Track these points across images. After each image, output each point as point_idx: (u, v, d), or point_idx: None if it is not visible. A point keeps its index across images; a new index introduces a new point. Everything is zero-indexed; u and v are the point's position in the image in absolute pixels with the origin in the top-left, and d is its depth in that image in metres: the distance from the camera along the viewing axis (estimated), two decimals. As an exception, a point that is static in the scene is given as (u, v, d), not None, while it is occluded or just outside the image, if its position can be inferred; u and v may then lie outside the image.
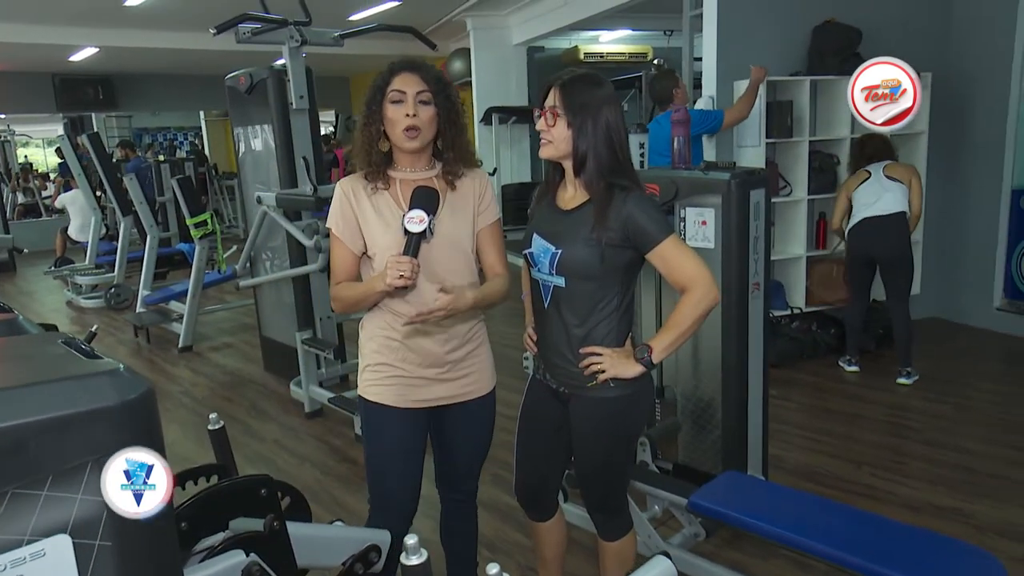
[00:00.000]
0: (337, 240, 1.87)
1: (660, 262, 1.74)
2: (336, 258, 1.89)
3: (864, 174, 4.19)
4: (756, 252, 2.71)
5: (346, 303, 1.88)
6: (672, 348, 1.76)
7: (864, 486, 3.11)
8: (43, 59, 9.92)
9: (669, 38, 9.03)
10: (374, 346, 1.92)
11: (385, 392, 1.90)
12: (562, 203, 1.84)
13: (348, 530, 1.78)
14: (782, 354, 4.49)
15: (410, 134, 1.78)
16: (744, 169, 2.72)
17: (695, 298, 1.72)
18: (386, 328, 1.89)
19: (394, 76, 1.80)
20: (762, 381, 2.85)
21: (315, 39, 4.12)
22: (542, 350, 1.93)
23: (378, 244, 1.83)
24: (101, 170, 7.10)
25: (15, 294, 8.46)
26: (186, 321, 5.72)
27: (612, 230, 1.71)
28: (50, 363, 0.83)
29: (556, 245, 1.78)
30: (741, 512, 2.21)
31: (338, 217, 1.86)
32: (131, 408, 0.77)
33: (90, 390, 0.74)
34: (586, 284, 1.77)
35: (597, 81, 1.76)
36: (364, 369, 1.95)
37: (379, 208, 1.84)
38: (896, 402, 4.00)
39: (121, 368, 0.79)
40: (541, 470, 2.07)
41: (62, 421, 0.72)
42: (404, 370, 1.89)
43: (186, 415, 4.38)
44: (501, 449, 3.64)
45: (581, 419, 1.88)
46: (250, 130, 4.76)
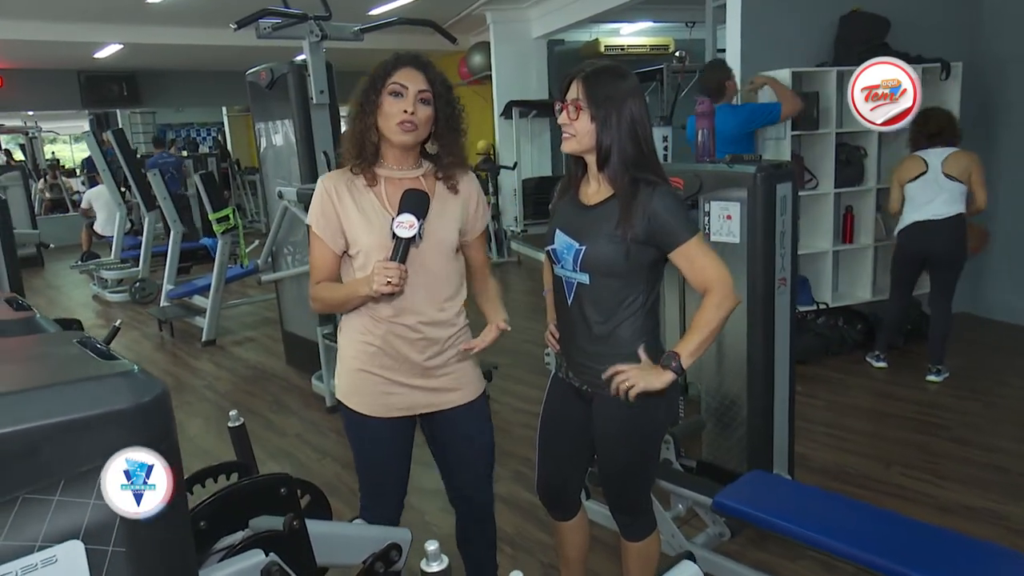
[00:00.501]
0: (317, 238, 1.80)
1: (683, 261, 1.70)
2: (316, 257, 1.82)
3: (920, 165, 3.96)
4: (783, 247, 2.65)
5: (326, 304, 1.84)
6: (699, 352, 1.71)
7: (894, 486, 3.04)
8: (69, 56, 10.04)
9: (691, 30, 8.93)
10: (352, 351, 1.85)
11: (364, 401, 1.86)
12: (585, 198, 1.80)
13: (368, 528, 1.77)
14: (808, 350, 4.42)
15: (404, 127, 1.72)
16: (770, 162, 2.66)
17: (716, 299, 1.69)
18: (365, 333, 1.82)
19: (397, 69, 1.73)
20: (788, 378, 2.79)
21: (335, 34, 4.10)
22: (564, 348, 1.90)
23: (361, 244, 1.77)
24: (125, 166, 7.17)
25: (43, 288, 8.57)
26: (209, 315, 5.76)
27: (637, 226, 1.68)
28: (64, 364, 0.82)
29: (580, 241, 1.74)
30: (767, 512, 2.17)
31: (318, 214, 1.79)
32: (145, 410, 0.75)
33: (103, 392, 0.72)
34: (611, 281, 1.74)
35: (621, 73, 1.71)
36: (341, 373, 1.89)
37: (362, 207, 1.78)
38: (926, 399, 3.92)
39: (135, 370, 0.77)
40: (563, 470, 2.03)
41: (75, 424, 0.70)
42: (382, 377, 1.83)
43: (209, 409, 4.41)
44: (522, 445, 3.64)
45: (604, 419, 1.84)
46: (271, 125, 4.77)
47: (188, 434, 4.04)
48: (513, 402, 4.15)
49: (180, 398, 4.65)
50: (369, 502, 1.96)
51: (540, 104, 8.50)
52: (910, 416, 3.73)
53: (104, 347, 0.89)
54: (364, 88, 1.76)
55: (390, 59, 1.76)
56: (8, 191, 9.70)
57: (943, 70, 4.53)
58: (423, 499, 3.00)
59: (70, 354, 0.83)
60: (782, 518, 2.13)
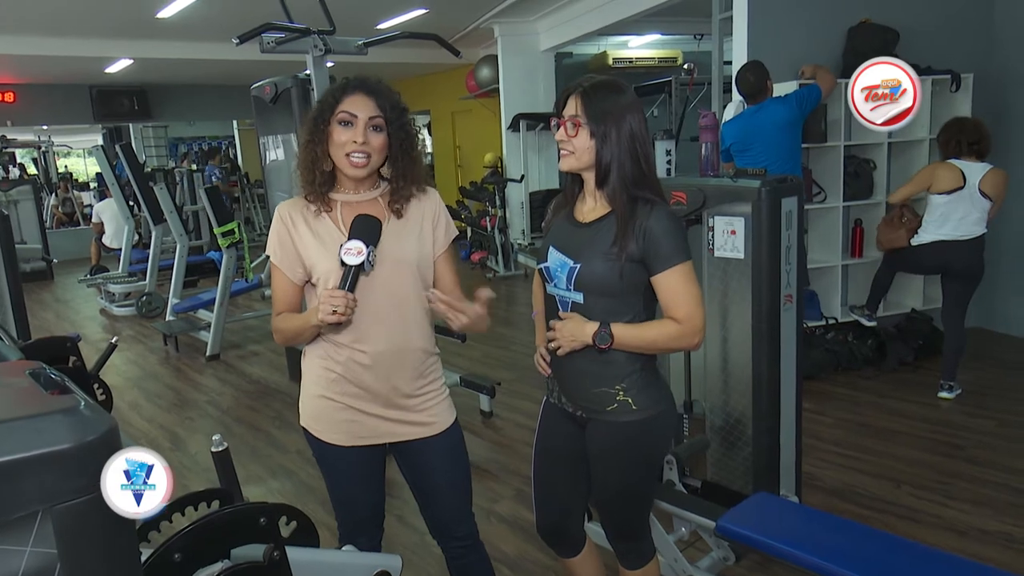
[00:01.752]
0: (276, 269, 1.75)
1: (665, 286, 1.64)
2: (276, 288, 1.77)
3: (958, 178, 3.76)
4: (788, 262, 2.60)
5: (285, 336, 1.75)
6: (627, 347, 1.66)
7: (904, 507, 2.96)
8: (80, 71, 10.12)
9: (699, 42, 8.89)
10: (312, 376, 1.79)
11: (325, 428, 1.80)
12: (580, 216, 1.75)
13: (357, 555, 1.71)
14: (816, 366, 4.34)
15: (354, 160, 1.67)
16: (775, 176, 2.61)
17: (677, 333, 1.64)
18: (325, 359, 1.76)
19: (346, 96, 1.67)
20: (795, 396, 2.73)
21: (339, 48, 4.08)
22: (556, 371, 1.83)
23: (319, 271, 1.71)
24: (132, 179, 7.18)
25: (51, 302, 8.60)
26: (213, 330, 5.73)
27: (632, 244, 1.63)
28: (6, 399, 0.77)
29: (574, 259, 1.69)
30: (772, 538, 2.10)
31: (275, 244, 1.74)
32: (89, 450, 0.70)
33: (41, 432, 0.68)
34: (605, 301, 1.68)
35: (619, 88, 1.67)
36: (304, 399, 1.83)
37: (318, 233, 1.72)
38: (937, 417, 3.83)
39: (81, 405, 0.72)
40: (563, 502, 1.95)
41: (8, 467, 0.65)
42: (344, 404, 1.77)
43: (211, 425, 4.37)
44: (525, 464, 3.58)
45: (599, 444, 1.78)
46: (275, 139, 4.75)
47: (189, 451, 4.00)
48: (517, 418, 4.09)
49: (182, 413, 4.62)
50: (345, 531, 1.89)
51: (547, 117, 8.47)
52: (921, 435, 3.64)
53: (59, 378, 0.84)
54: (313, 116, 1.69)
55: (338, 85, 1.70)
56: (19, 205, 9.79)
57: (953, 82, 4.47)
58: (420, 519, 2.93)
59: (16, 387, 0.78)
60: (788, 543, 2.06)
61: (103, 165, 7.99)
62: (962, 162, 3.81)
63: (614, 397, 1.71)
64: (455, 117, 11.49)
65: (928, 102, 4.51)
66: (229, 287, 5.73)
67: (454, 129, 11.70)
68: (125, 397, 4.88)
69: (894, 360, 4.47)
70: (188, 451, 4.00)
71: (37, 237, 9.79)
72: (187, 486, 3.58)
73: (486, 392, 4.07)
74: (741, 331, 2.67)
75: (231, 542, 1.33)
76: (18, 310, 3.20)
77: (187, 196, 9.27)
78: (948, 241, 3.85)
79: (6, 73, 10.16)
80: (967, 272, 3.89)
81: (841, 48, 4.55)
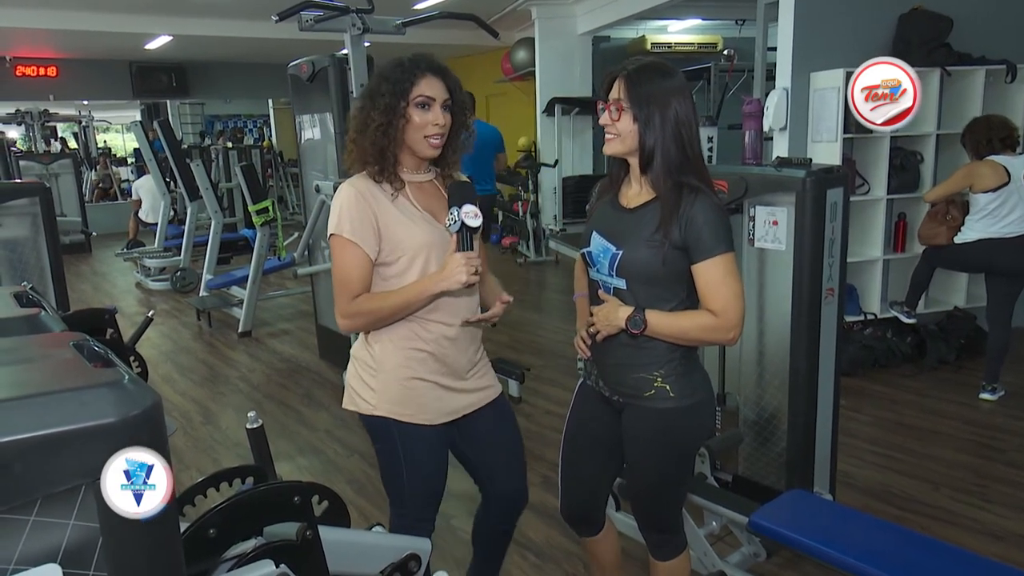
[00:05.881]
0: (352, 246, 1.67)
1: (704, 276, 1.61)
2: (351, 267, 1.68)
3: (1002, 174, 3.67)
4: (831, 256, 2.54)
5: (375, 317, 1.71)
6: (660, 335, 1.65)
7: (942, 510, 2.89)
8: (121, 47, 10.24)
9: (741, 27, 8.73)
10: (397, 361, 1.77)
11: (419, 410, 1.79)
12: (625, 201, 1.73)
13: (387, 537, 1.72)
14: (853, 362, 4.26)
15: (432, 142, 1.71)
16: (821, 167, 2.54)
17: (712, 325, 1.62)
18: (411, 339, 1.76)
19: (420, 78, 1.68)
20: (833, 392, 2.68)
21: (377, 27, 4.06)
22: (596, 355, 1.82)
23: (404, 248, 1.71)
24: (170, 155, 7.27)
25: (88, 275, 8.77)
26: (246, 307, 5.80)
27: (675, 231, 1.61)
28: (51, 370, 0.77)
29: (617, 245, 1.68)
30: (805, 535, 2.07)
31: (355, 220, 1.68)
32: (133, 424, 0.69)
33: (86, 404, 0.67)
34: (648, 287, 1.67)
35: (665, 71, 1.63)
36: (385, 385, 1.78)
37: (404, 211, 1.74)
38: (978, 419, 3.73)
39: (125, 379, 0.72)
40: (590, 485, 1.96)
41: (53, 439, 0.65)
42: (432, 382, 1.78)
43: (242, 400, 4.43)
44: (553, 450, 3.55)
45: (635, 430, 1.77)
46: (311, 118, 4.77)
47: (220, 425, 4.06)
48: (545, 404, 4.08)
49: (214, 388, 4.69)
50: (421, 514, 1.87)
51: (583, 101, 8.40)
52: (961, 436, 3.55)
53: (103, 350, 0.84)
54: (387, 99, 1.67)
55: (407, 65, 1.69)
56: (59, 179, 9.97)
57: (1008, 72, 4.32)
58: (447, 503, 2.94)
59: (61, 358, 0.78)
60: (821, 542, 2.03)
61: (141, 141, 8.10)
62: (1002, 157, 3.72)
63: (652, 383, 1.70)
64: (489, 100, 11.42)
65: (980, 93, 4.37)
66: (262, 265, 5.78)
67: (488, 112, 11.62)
68: (159, 370, 4.96)
69: (934, 358, 4.37)
70: (219, 425, 4.05)
71: (76, 210, 9.97)
72: (218, 460, 3.65)
73: (516, 378, 4.06)
74: (779, 324, 2.63)
75: (265, 519, 1.34)
76: (58, 282, 3.26)
77: (222, 174, 9.36)
78: (995, 239, 3.74)
79: (48, 48, 10.33)
80: (1015, 268, 3.78)
81: (891, 36, 4.42)
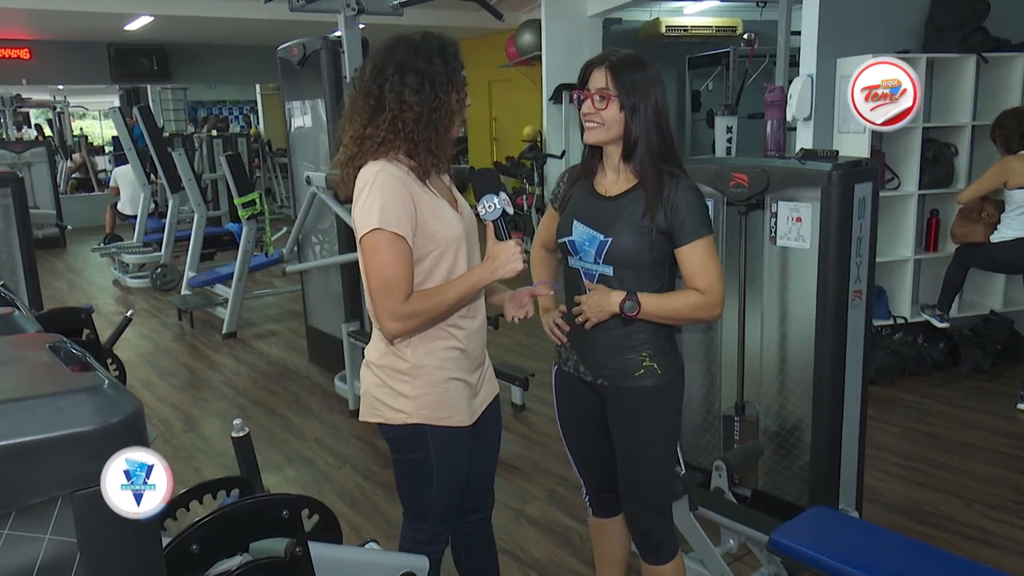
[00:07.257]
0: (400, 241, 1.61)
1: (689, 258, 1.79)
2: (401, 264, 1.62)
3: None
4: (859, 255, 2.53)
5: (435, 315, 1.67)
6: (652, 317, 1.80)
7: (975, 528, 2.89)
8: (98, 28, 10.24)
9: (762, 10, 8.70)
10: (437, 363, 1.74)
11: (456, 413, 1.79)
12: (602, 189, 1.87)
13: (381, 554, 1.72)
14: (882, 369, 4.26)
15: (463, 119, 1.83)
16: (848, 159, 2.53)
17: (700, 303, 1.79)
18: (448, 338, 1.76)
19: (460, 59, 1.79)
20: (860, 402, 2.67)
21: (372, 7, 4.06)
22: (577, 341, 1.93)
23: (439, 240, 1.70)
24: (151, 144, 7.26)
25: (63, 271, 8.78)
26: (231, 306, 5.80)
27: (661, 217, 1.77)
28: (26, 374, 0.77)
29: (604, 233, 1.81)
30: (830, 556, 2.06)
31: (400, 213, 1.61)
32: (113, 432, 0.69)
33: (64, 411, 0.67)
34: (634, 272, 1.82)
35: (643, 62, 1.80)
36: (423, 390, 1.74)
37: (433, 200, 1.75)
38: (1014, 431, 3.73)
39: (105, 384, 0.72)
40: (603, 461, 2.07)
41: (28, 448, 0.65)
42: (464, 380, 1.82)
43: (226, 407, 4.43)
44: (558, 462, 3.56)
45: (625, 412, 1.90)
46: (302, 105, 4.77)
47: (203, 433, 4.07)
48: (549, 412, 4.03)
49: (197, 394, 4.69)
50: (440, 527, 1.87)
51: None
52: (997, 449, 3.55)
53: (81, 353, 0.84)
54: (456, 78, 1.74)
55: (450, 48, 1.74)
56: (32, 168, 9.97)
57: (1050, 59, 4.31)
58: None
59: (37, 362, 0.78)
60: (847, 562, 2.02)
61: (120, 128, 8.09)
62: None
63: (641, 363, 1.85)
64: (492, 86, 11.41)
65: (1019, 82, 4.36)
66: (248, 262, 5.79)
67: (490, 99, 11.63)
68: (138, 374, 4.97)
69: (968, 366, 4.36)
70: (202, 433, 4.06)
71: (51, 202, 9.98)
72: (200, 470, 3.65)
73: (518, 384, 4.06)
74: (802, 328, 2.62)
75: (251, 535, 1.34)
76: (31, 278, 3.27)
77: (206, 164, 9.36)
78: None
79: (21, 28, 10.33)
80: None
81: (923, 19, 4.41)
